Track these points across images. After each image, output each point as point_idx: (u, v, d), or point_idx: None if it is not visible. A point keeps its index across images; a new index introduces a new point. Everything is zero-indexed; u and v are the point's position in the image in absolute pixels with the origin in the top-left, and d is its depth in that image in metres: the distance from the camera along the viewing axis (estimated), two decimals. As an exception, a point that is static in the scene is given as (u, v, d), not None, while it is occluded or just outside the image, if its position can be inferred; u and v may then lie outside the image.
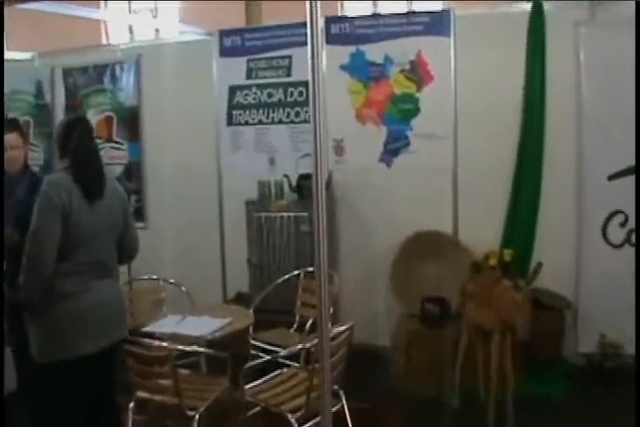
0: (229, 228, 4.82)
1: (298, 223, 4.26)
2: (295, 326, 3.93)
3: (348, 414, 3.05)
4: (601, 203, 3.91)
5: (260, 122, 4.70)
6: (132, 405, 2.96)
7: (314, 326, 3.39)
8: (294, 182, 4.37)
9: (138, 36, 8.98)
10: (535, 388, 3.62)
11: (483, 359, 3.45)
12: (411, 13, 4.57)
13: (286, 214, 4.29)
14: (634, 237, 3.84)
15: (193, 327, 3.29)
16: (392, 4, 7.71)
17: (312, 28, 1.68)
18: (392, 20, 4.31)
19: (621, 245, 3.90)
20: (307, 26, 1.69)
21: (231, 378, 3.07)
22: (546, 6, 3.94)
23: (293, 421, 2.80)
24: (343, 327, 2.87)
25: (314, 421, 2.79)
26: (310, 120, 1.74)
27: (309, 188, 2.10)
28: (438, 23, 4.18)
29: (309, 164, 1.85)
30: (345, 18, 4.89)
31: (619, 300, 3.68)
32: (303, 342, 3.12)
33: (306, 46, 1.70)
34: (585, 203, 3.97)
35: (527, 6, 3.97)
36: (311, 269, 3.84)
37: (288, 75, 4.60)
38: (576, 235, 4.01)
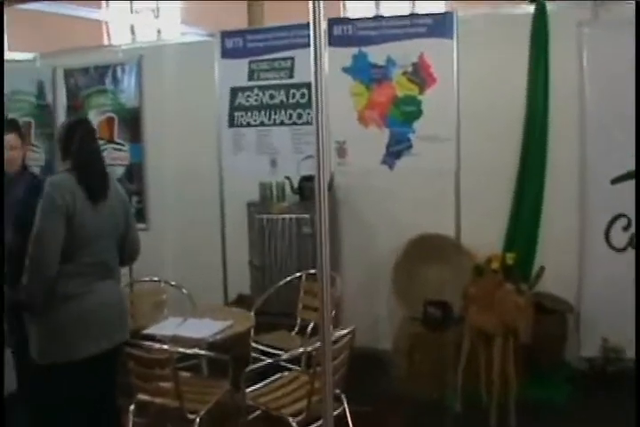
0: (231, 230, 4.80)
1: (300, 225, 4.24)
2: (297, 329, 3.92)
3: (350, 417, 3.04)
4: (604, 206, 3.89)
5: (262, 124, 4.68)
6: (133, 407, 2.95)
7: (315, 329, 3.37)
8: (296, 184, 4.35)
9: (139, 37, 8.99)
10: (537, 392, 3.61)
11: (485, 363, 3.45)
12: (413, 15, 4.57)
13: (288, 216, 4.28)
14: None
15: (194, 330, 3.28)
16: (394, 5, 7.71)
17: (315, 30, 1.68)
18: (394, 22, 4.29)
19: (624, 248, 3.88)
20: (309, 27, 1.68)
21: (232, 381, 3.06)
22: (549, 7, 3.92)
23: (294, 425, 2.79)
24: (345, 331, 2.86)
25: (315, 425, 2.77)
26: (312, 122, 1.74)
27: (311, 190, 2.09)
28: (441, 25, 4.16)
29: (311, 166, 1.84)
30: (347, 19, 4.87)
31: (621, 304, 3.65)
32: (305, 346, 3.11)
33: (308, 48, 1.69)
34: (588, 206, 3.95)
35: (530, 7, 3.96)
36: (313, 271, 3.82)
37: (290, 76, 4.58)
38: (579, 238, 3.99)
